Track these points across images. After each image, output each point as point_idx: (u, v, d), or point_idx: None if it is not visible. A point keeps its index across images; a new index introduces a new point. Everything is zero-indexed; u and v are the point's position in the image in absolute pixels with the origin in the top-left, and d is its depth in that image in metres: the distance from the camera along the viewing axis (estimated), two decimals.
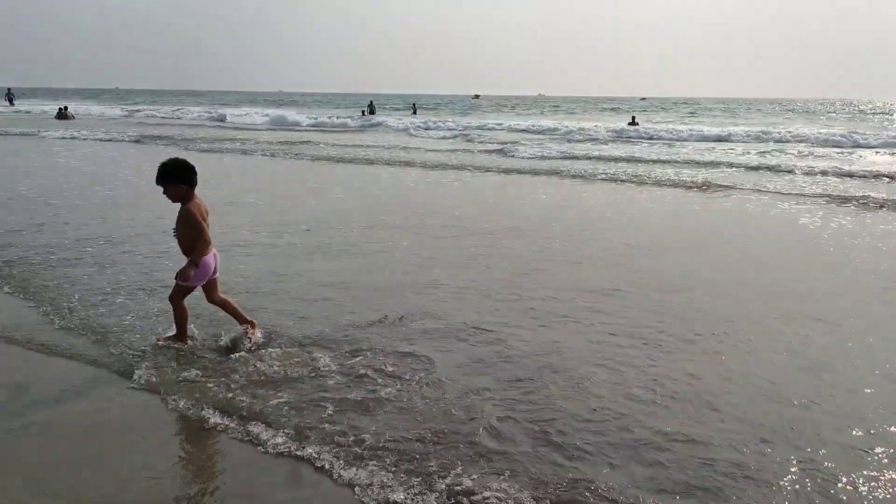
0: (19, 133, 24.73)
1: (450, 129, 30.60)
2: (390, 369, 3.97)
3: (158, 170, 4.20)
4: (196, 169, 4.26)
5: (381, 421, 3.35)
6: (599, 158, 18.09)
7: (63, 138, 22.63)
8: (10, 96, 57.58)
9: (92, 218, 8.33)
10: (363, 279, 5.86)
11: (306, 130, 30.90)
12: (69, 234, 7.39)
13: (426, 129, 30.53)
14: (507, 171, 14.62)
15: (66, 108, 40.60)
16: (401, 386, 3.76)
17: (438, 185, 12.34)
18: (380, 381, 3.80)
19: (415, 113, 48.65)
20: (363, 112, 46.92)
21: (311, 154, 18.21)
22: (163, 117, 41.50)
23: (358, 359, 4.13)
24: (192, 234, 4.27)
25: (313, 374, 3.89)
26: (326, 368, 3.97)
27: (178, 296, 4.37)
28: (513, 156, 18.50)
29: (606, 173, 14.19)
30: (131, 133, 25.16)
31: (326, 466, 2.96)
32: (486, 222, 8.41)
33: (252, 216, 8.60)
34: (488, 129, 31.56)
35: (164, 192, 4.25)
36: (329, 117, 38.70)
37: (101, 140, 22.30)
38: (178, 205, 4.24)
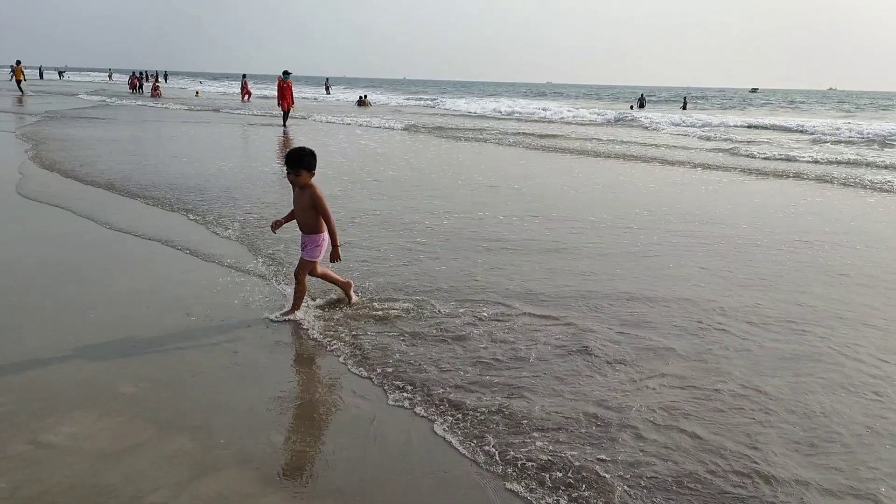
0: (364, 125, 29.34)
1: (707, 127, 28.72)
2: None
3: (297, 156, 4.71)
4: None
5: None
6: None
7: (369, 126, 26.49)
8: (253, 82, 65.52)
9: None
10: None
11: (551, 123, 31.95)
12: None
13: (682, 126, 29.15)
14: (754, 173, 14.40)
15: (365, 96, 46.48)
16: None
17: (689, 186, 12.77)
18: None
19: (685, 108, 47.41)
20: (632, 106, 46.98)
21: (563, 147, 19.31)
22: (445, 109, 45.30)
23: None
24: (324, 214, 4.78)
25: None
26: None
27: (303, 272, 4.89)
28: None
29: None
30: (402, 121, 28.50)
31: None
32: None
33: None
34: (757, 127, 29.59)
35: (296, 176, 4.73)
36: (590, 111, 39.32)
37: (382, 128, 25.69)
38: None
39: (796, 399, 3.89)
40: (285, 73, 23.86)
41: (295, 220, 4.97)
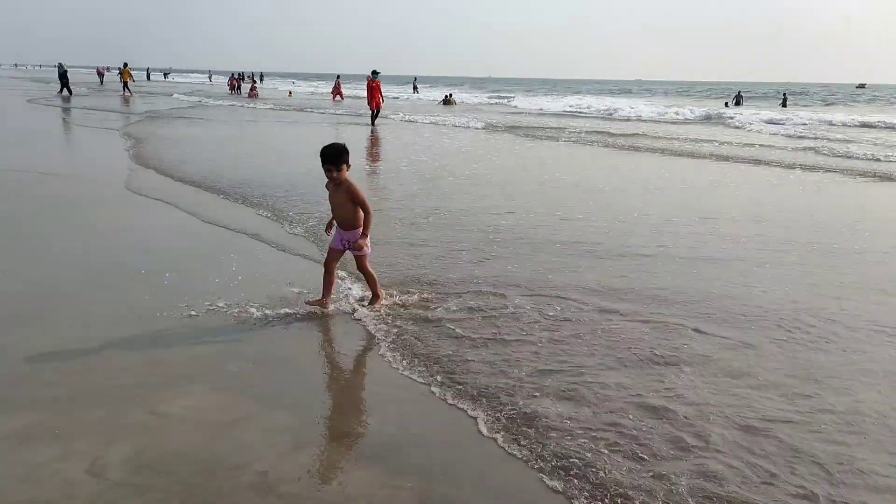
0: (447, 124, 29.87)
1: (805, 125, 26.90)
2: None
3: (335, 152, 4.77)
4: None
5: None
6: None
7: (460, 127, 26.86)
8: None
9: None
10: None
11: (634, 121, 31.24)
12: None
13: (778, 125, 27.30)
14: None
15: (450, 94, 46.96)
16: None
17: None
18: None
19: (784, 105, 45.46)
20: (726, 104, 45.54)
21: (648, 146, 18.85)
22: (513, 107, 45.18)
23: None
24: (364, 206, 4.85)
25: None
26: None
27: (365, 263, 5.04)
28: None
29: None
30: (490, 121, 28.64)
31: None
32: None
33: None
34: (869, 126, 27.95)
35: (335, 172, 4.79)
36: (679, 108, 38.20)
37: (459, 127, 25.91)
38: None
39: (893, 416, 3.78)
40: (374, 72, 24.42)
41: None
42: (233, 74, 58.86)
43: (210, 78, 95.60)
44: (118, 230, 7.53)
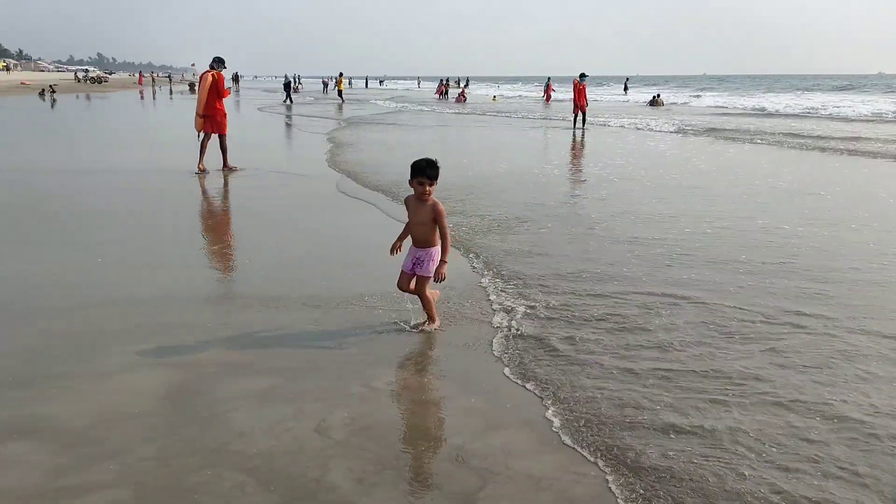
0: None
1: None
2: None
3: (434, 166, 4.57)
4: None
5: None
6: None
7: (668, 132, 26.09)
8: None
9: None
10: None
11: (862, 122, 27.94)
12: None
13: None
14: None
15: (658, 95, 45.41)
16: None
17: None
18: None
19: None
20: None
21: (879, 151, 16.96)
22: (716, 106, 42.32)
23: None
24: (444, 229, 4.63)
25: None
26: None
27: (424, 288, 4.80)
28: None
29: None
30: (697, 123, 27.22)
31: None
32: None
33: None
34: None
35: (430, 186, 4.58)
36: None
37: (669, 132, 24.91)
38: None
39: None
40: (582, 75, 24.32)
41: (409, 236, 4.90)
42: (441, 80, 60.97)
43: (419, 84, 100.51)
44: (338, 226, 8.45)
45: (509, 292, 5.72)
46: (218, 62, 12.92)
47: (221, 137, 12.68)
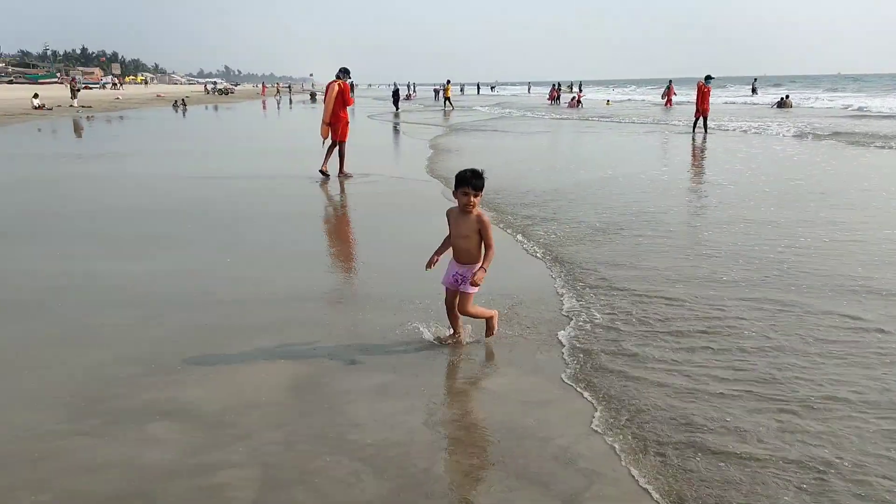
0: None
1: None
2: None
3: (480, 177, 4.39)
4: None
5: None
6: None
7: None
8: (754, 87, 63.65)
9: None
10: None
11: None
12: None
13: None
14: None
15: (787, 96, 43.14)
16: None
17: None
18: None
19: None
20: None
21: None
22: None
23: None
24: (489, 242, 4.46)
25: None
26: None
27: (469, 305, 4.61)
28: None
29: None
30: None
31: None
32: None
33: None
34: None
35: (475, 198, 4.40)
36: None
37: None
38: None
39: None
40: (707, 77, 23.42)
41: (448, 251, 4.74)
42: (553, 85, 60.07)
43: (529, 89, 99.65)
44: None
45: (600, 303, 5.70)
46: (343, 72, 13.56)
47: (340, 144, 13.29)
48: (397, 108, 42.27)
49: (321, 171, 12.96)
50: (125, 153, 18.15)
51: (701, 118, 23.19)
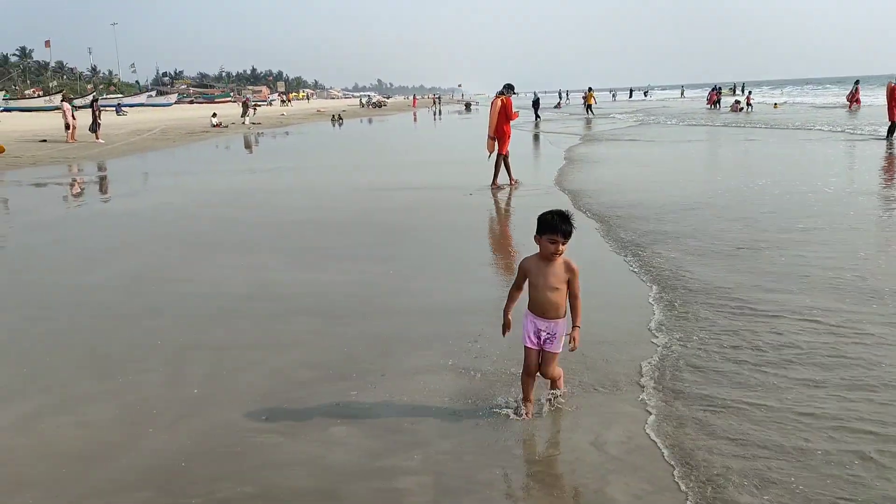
0: None
1: None
2: None
3: (563, 220, 3.82)
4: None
5: None
6: None
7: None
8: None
9: None
10: None
11: None
12: None
13: None
14: None
15: None
16: None
17: None
18: None
19: None
20: None
21: None
22: None
23: None
24: (575, 293, 3.96)
25: None
26: None
27: (555, 367, 4.12)
28: None
29: None
30: None
31: None
32: None
33: None
34: None
35: (562, 245, 3.84)
36: None
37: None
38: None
39: None
40: None
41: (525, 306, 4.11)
42: (714, 87, 55.08)
43: (682, 93, 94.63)
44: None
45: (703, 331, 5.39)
46: (508, 88, 14.06)
47: (504, 157, 13.73)
48: (537, 118, 41.58)
49: (494, 186, 13.42)
50: (293, 167, 19.55)
51: (893, 123, 19.99)
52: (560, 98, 73.35)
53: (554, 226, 3.79)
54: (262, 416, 4.15)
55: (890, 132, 20.16)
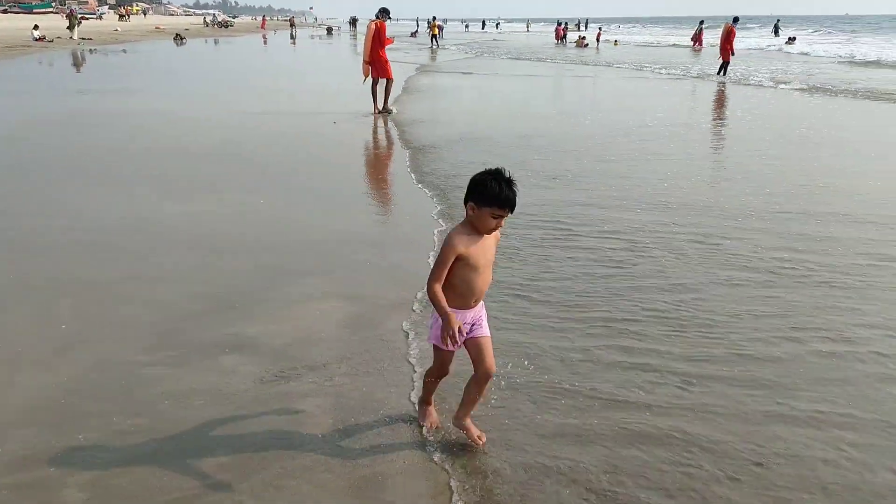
0: None
1: None
2: None
3: (511, 188, 2.89)
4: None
5: None
6: None
7: None
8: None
9: None
10: None
11: None
12: None
13: None
14: None
15: (793, 38, 42.57)
16: None
17: None
18: None
19: None
20: None
21: None
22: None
23: None
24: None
25: None
26: None
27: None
28: None
29: None
30: None
31: None
32: None
33: None
34: None
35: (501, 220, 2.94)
36: None
37: None
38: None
39: None
40: (735, 19, 22.46)
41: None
42: (559, 23, 55.96)
43: (528, 27, 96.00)
44: None
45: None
46: (383, 12, 13.89)
47: (388, 82, 13.79)
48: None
49: (382, 111, 13.49)
50: (141, 89, 18.12)
51: (724, 62, 22.11)
52: (417, 27, 72.38)
53: (501, 198, 2.88)
54: (147, 350, 4.06)
55: (721, 70, 22.17)
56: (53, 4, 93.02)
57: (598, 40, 44.16)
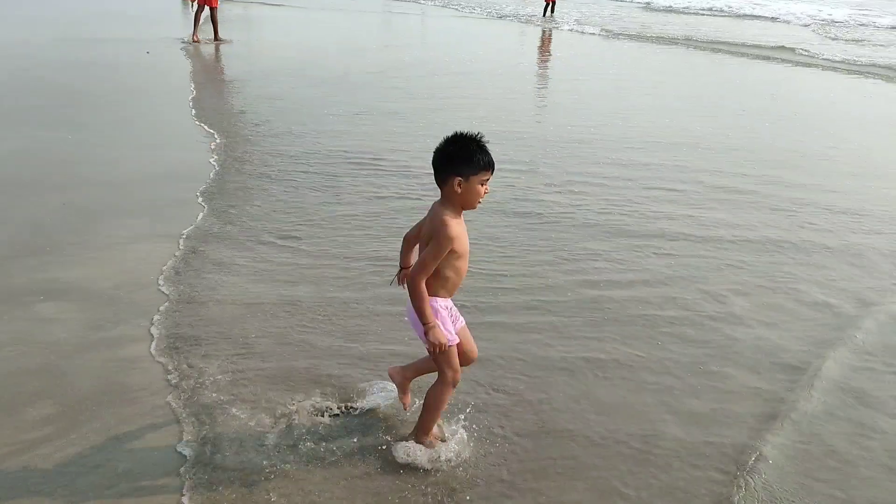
0: None
1: None
2: None
3: (481, 149, 2.63)
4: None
5: None
6: None
7: None
8: None
9: None
10: None
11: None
12: None
13: None
14: None
15: None
16: None
17: None
18: None
19: None
20: None
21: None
22: None
23: None
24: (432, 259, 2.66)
25: None
26: None
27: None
28: None
29: None
30: None
31: None
32: None
33: None
34: None
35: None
36: None
37: None
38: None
39: None
40: None
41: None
42: None
43: None
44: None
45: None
46: None
47: (213, 10, 13.19)
48: None
49: (193, 41, 12.88)
50: None
51: (549, 4, 21.57)
52: None
53: (487, 159, 2.63)
54: None
55: (545, 11, 21.63)
56: None
57: None
